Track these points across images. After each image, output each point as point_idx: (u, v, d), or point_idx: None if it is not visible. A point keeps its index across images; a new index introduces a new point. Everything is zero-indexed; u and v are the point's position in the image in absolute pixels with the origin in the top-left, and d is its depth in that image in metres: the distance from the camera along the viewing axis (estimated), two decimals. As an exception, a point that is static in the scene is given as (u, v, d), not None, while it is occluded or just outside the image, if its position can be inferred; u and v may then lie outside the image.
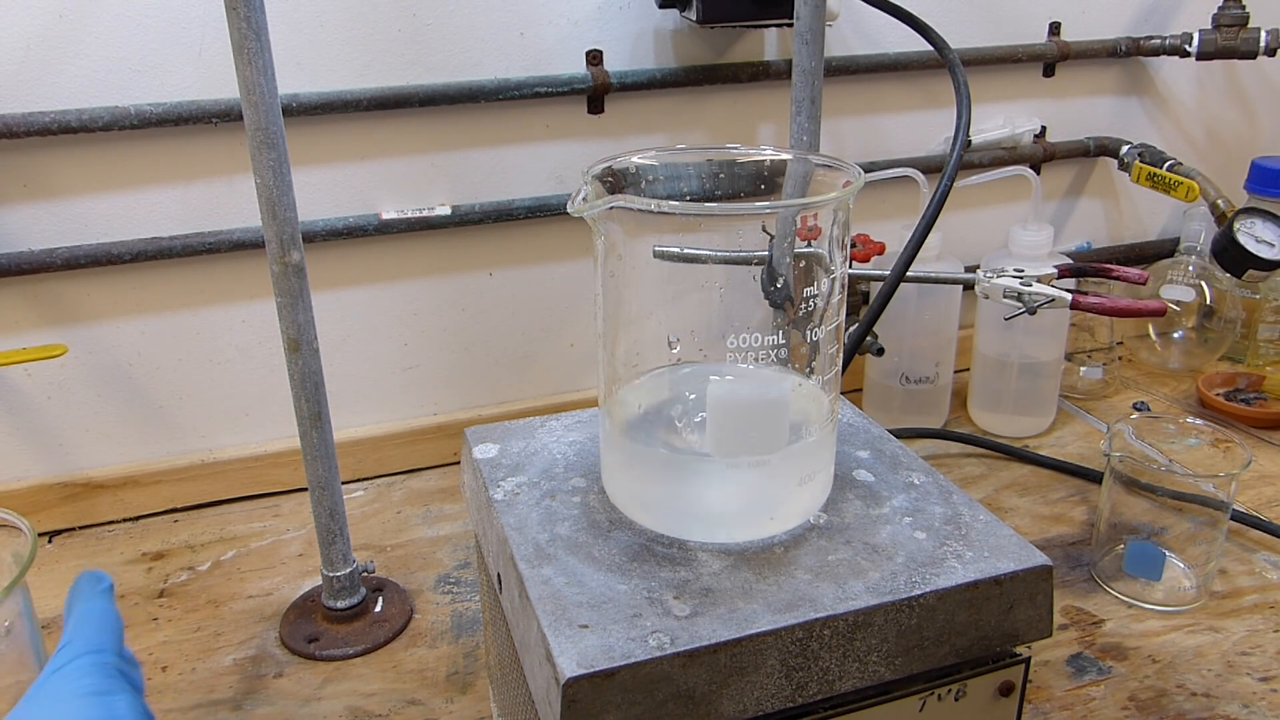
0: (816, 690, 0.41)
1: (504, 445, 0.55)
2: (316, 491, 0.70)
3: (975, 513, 0.48)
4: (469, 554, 0.83)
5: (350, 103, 0.83)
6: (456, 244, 0.92)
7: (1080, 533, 0.83)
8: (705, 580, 0.43)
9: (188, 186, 0.83)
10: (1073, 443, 0.98)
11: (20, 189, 0.79)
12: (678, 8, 0.88)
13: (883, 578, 0.43)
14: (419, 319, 0.94)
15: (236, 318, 0.88)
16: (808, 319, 0.45)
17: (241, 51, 0.59)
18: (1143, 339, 1.15)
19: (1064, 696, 0.65)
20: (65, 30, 0.76)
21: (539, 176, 0.92)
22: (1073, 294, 0.80)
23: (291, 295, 0.65)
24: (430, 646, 0.72)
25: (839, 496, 0.49)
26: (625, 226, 0.44)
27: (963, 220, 1.10)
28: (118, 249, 0.81)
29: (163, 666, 0.70)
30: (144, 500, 0.90)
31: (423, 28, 0.84)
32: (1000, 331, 0.97)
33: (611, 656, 0.38)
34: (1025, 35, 1.05)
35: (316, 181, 0.86)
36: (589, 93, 0.90)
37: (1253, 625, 0.71)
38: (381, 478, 0.96)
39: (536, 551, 0.45)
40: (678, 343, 0.46)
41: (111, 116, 0.77)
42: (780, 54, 0.96)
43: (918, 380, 0.98)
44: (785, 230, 0.46)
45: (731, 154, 0.50)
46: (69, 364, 0.85)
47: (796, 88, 0.71)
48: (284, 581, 0.80)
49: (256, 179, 0.62)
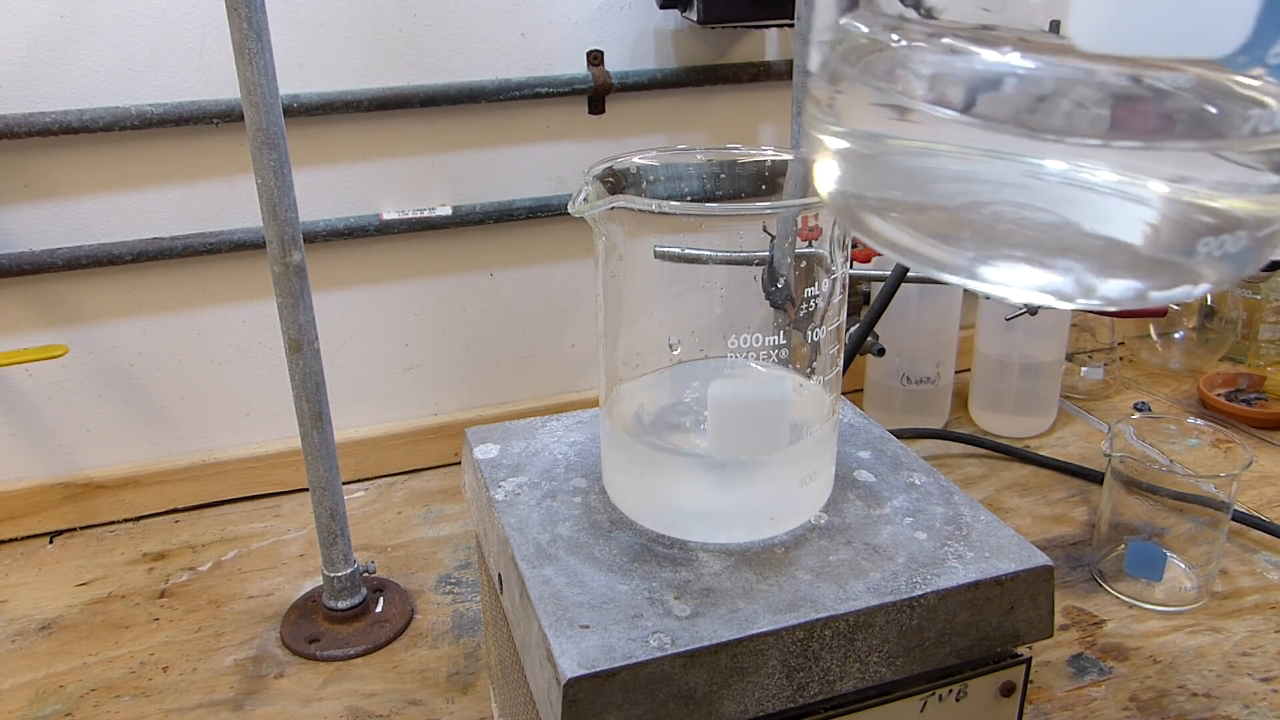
0: (817, 691, 0.41)
1: (505, 445, 0.55)
2: (317, 492, 0.70)
3: (976, 513, 0.48)
4: (470, 554, 0.83)
5: (351, 103, 0.83)
6: (457, 244, 0.92)
7: (1081, 533, 0.82)
8: (706, 580, 0.43)
9: (189, 187, 0.83)
10: (1074, 443, 0.98)
11: (21, 189, 0.79)
12: (679, 8, 0.88)
13: (884, 578, 0.43)
14: (420, 319, 0.94)
15: (237, 318, 0.88)
16: (808, 319, 0.45)
17: (242, 52, 0.59)
18: (1144, 339, 1.15)
19: (1065, 697, 0.65)
20: (66, 31, 0.76)
21: (540, 177, 0.92)
22: (1073, 294, 0.80)
23: (292, 295, 0.65)
24: (431, 647, 0.72)
25: (840, 497, 0.49)
26: (626, 227, 0.44)
27: (963, 220, 1.10)
28: (119, 249, 0.81)
29: (164, 667, 0.70)
30: (145, 500, 0.90)
31: (423, 28, 0.85)
32: (1001, 332, 0.97)
33: (612, 657, 0.38)
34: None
35: (317, 182, 0.86)
36: (590, 93, 0.90)
37: (1254, 626, 0.70)
38: (382, 478, 0.96)
39: (537, 552, 0.45)
40: (679, 344, 0.46)
41: (112, 117, 0.77)
42: (781, 54, 0.96)
43: (919, 380, 0.98)
44: (786, 230, 0.46)
45: (732, 154, 0.50)
46: (70, 364, 0.85)
47: (797, 88, 0.71)
48: (285, 582, 0.80)
49: (257, 179, 0.62)
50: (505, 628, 0.50)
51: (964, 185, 0.24)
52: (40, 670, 0.70)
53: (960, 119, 0.24)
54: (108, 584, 0.80)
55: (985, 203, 0.24)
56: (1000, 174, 0.23)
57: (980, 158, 0.24)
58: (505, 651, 0.52)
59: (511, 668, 0.51)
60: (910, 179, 0.26)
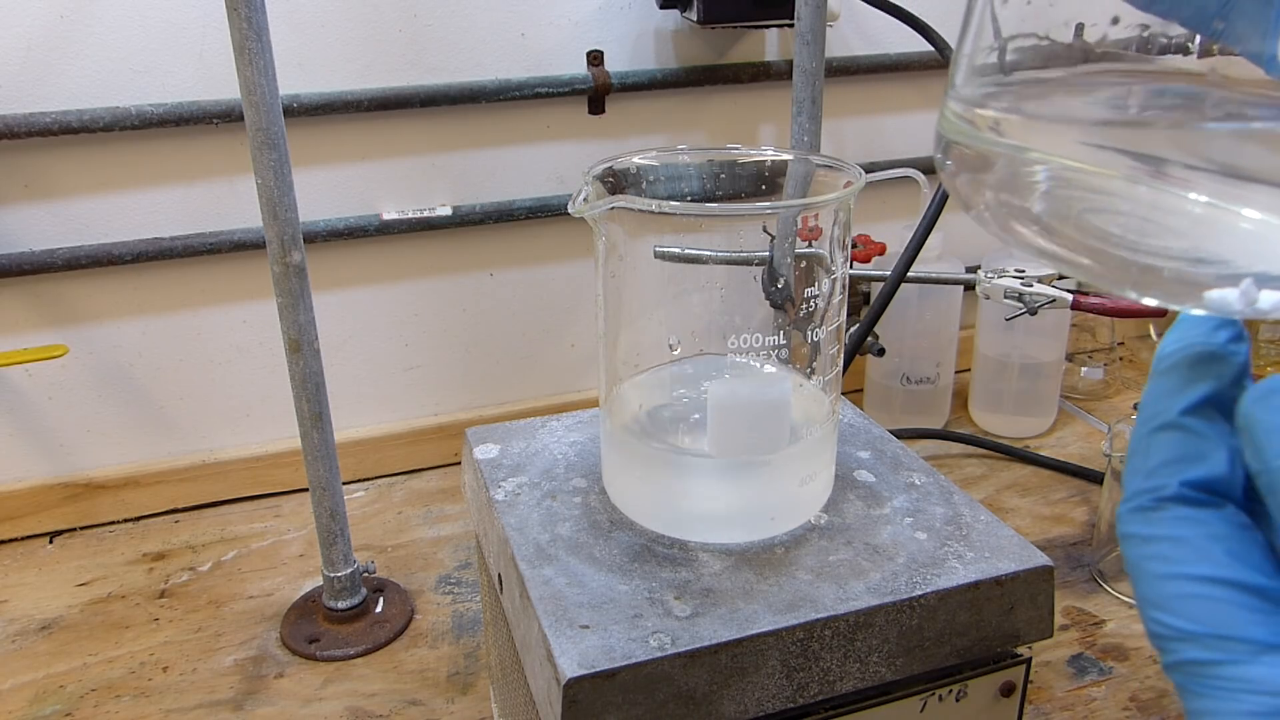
0: (817, 691, 0.41)
1: (505, 446, 0.55)
2: (317, 492, 0.70)
3: (976, 513, 0.48)
4: (470, 554, 0.83)
5: (351, 103, 0.83)
6: (457, 244, 0.92)
7: (1081, 533, 0.82)
8: (706, 581, 0.43)
9: (189, 187, 0.83)
10: (1074, 443, 0.98)
11: (21, 189, 0.79)
12: (679, 8, 0.88)
13: (884, 578, 0.43)
14: (420, 319, 0.94)
15: (237, 318, 0.88)
16: (808, 319, 0.45)
17: (243, 52, 0.59)
18: (1144, 339, 1.15)
19: (1065, 697, 0.65)
20: (66, 31, 0.76)
21: (540, 177, 0.92)
22: (1074, 294, 0.80)
23: (292, 296, 0.65)
24: (431, 647, 0.72)
25: (840, 497, 0.49)
26: (626, 227, 0.44)
27: (964, 220, 1.09)
28: (119, 249, 0.81)
29: (164, 667, 0.70)
30: (145, 501, 0.90)
31: (423, 28, 0.85)
32: (1001, 332, 0.97)
33: (612, 657, 0.38)
34: (1026, 35, 1.05)
35: (317, 182, 0.86)
36: (590, 93, 0.90)
37: (1254, 626, 0.70)
38: (382, 478, 0.96)
39: (537, 552, 0.45)
40: (679, 344, 0.46)
41: (112, 117, 0.77)
42: (781, 54, 0.96)
43: (918, 381, 0.98)
44: (786, 231, 0.46)
45: (732, 154, 0.50)
46: (70, 364, 0.85)
47: (797, 88, 0.71)
48: (285, 582, 0.80)
49: (257, 179, 0.62)
50: (505, 628, 0.50)
51: (1143, 224, 0.24)
52: (40, 670, 0.70)
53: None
54: (108, 584, 0.80)
55: (1160, 245, 0.24)
56: (1176, 210, 0.23)
57: (1161, 194, 0.23)
58: (505, 651, 0.52)
59: (511, 668, 0.51)
60: (1073, 205, 0.25)
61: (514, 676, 0.50)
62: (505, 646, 0.52)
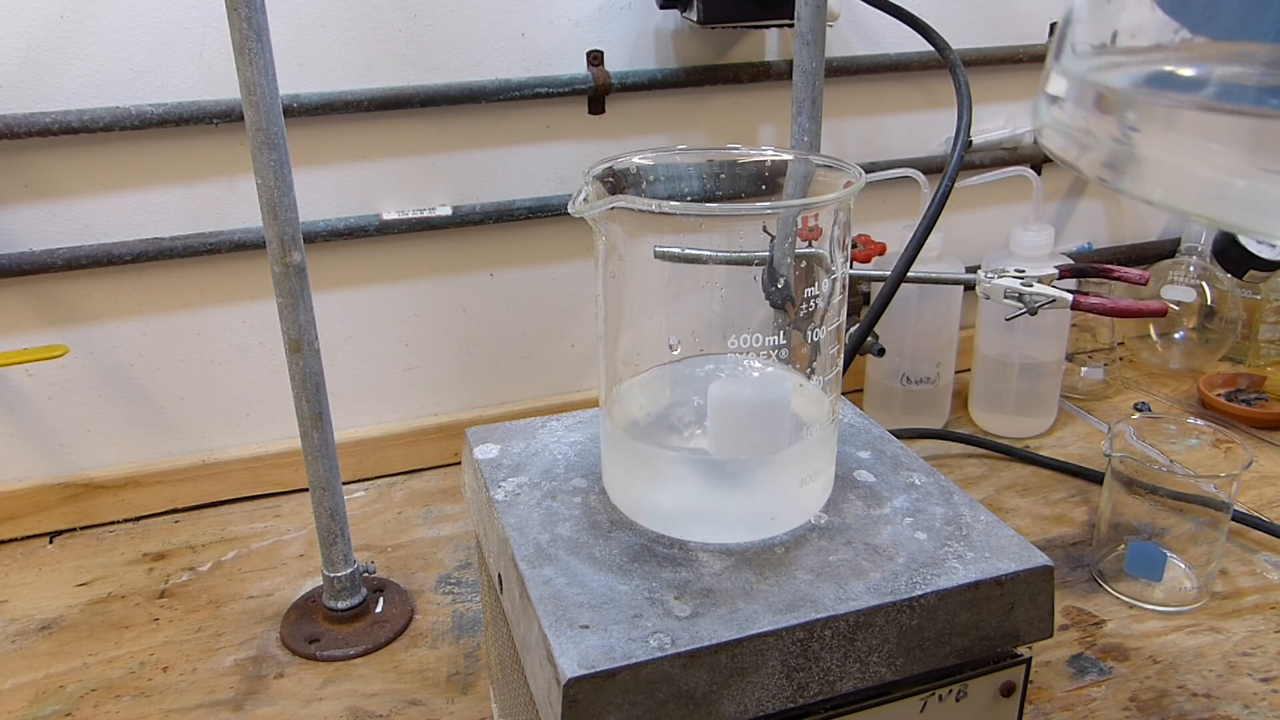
0: (817, 691, 0.41)
1: (505, 446, 0.55)
2: (317, 492, 0.70)
3: (976, 513, 0.48)
4: (470, 554, 0.83)
5: (351, 103, 0.83)
6: (457, 244, 0.92)
7: (1081, 533, 0.83)
8: (706, 581, 0.43)
9: (189, 187, 0.83)
10: (1074, 443, 0.98)
11: (21, 189, 0.79)
12: (679, 8, 0.88)
13: (884, 578, 0.43)
14: (420, 319, 0.94)
15: (237, 318, 0.88)
16: (808, 319, 0.45)
17: (243, 52, 0.59)
18: (1144, 339, 1.15)
19: (1065, 697, 0.65)
20: (66, 31, 0.76)
21: (540, 177, 0.92)
22: (1074, 294, 0.80)
23: (292, 295, 0.65)
24: (431, 647, 0.72)
25: (840, 497, 0.49)
26: (626, 227, 0.44)
27: (964, 221, 1.10)
28: (119, 249, 0.81)
29: (164, 667, 0.70)
30: (145, 501, 0.90)
31: (424, 28, 0.85)
32: (1001, 332, 0.97)
33: (612, 657, 0.38)
34: (1026, 36, 1.05)
35: (317, 182, 0.86)
36: (590, 93, 0.90)
37: (1254, 626, 0.71)
38: (382, 478, 0.96)
39: (537, 552, 0.45)
40: (679, 344, 0.46)
41: (113, 117, 0.77)
42: (781, 54, 0.96)
43: (918, 381, 0.98)
44: (786, 231, 0.46)
45: (732, 154, 0.50)
46: (70, 364, 0.85)
47: (797, 88, 0.71)
48: (285, 582, 0.80)
49: (258, 179, 0.62)
50: (505, 628, 0.50)
51: None
52: (40, 670, 0.70)
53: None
54: (108, 584, 0.80)
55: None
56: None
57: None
58: (505, 651, 0.52)
59: (511, 668, 0.51)
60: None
61: (514, 676, 0.50)
62: (505, 646, 0.52)
